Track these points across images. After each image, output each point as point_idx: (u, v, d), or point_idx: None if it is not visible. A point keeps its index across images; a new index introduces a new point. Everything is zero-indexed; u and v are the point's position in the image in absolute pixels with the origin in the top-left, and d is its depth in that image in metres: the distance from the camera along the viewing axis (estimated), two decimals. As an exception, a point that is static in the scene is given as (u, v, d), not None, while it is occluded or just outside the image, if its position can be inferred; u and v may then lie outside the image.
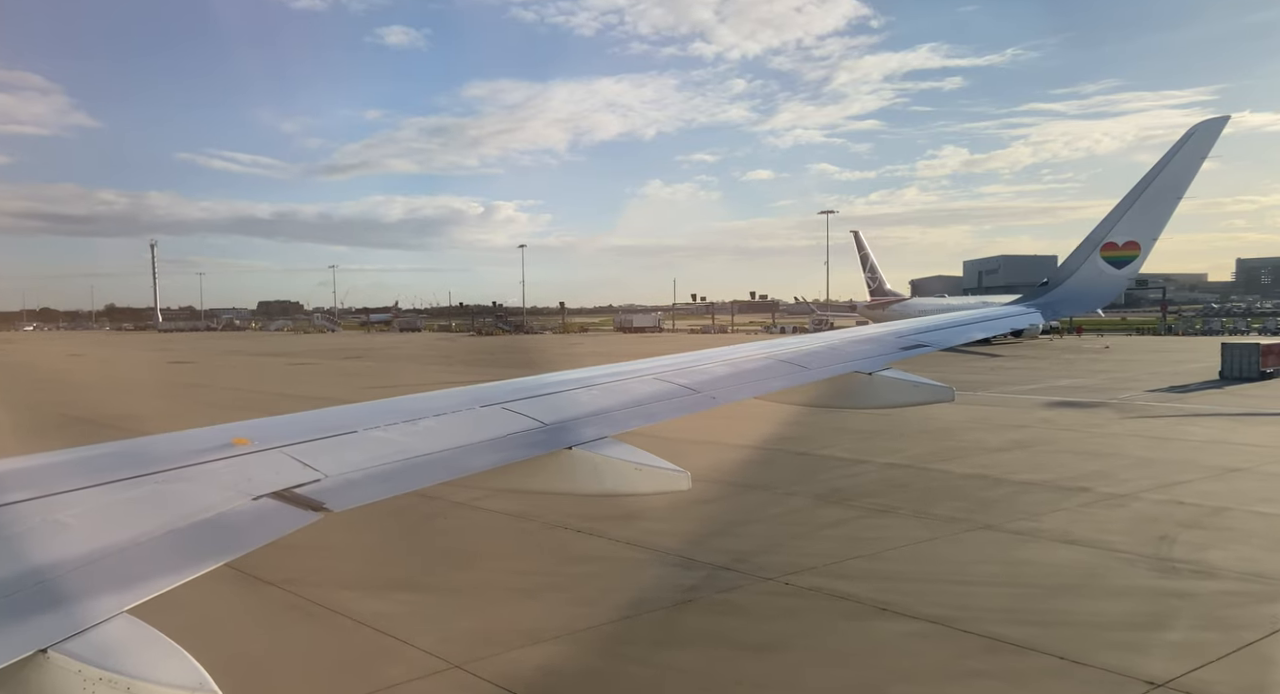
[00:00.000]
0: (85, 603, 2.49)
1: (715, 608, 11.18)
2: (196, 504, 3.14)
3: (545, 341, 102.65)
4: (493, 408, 4.63)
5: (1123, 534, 14.14)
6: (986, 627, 10.23)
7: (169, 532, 2.95)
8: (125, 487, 3.19)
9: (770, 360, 6.40)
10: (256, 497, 3.25)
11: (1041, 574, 12.31)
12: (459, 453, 4.06)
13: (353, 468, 3.65)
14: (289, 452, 3.69)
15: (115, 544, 2.81)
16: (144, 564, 2.76)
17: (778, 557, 13.21)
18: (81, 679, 2.27)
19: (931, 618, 10.56)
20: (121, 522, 2.95)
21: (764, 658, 9.65)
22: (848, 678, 9.16)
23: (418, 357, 74.52)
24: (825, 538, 14.20)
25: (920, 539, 14.02)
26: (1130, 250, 8.14)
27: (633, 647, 10.00)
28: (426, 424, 4.30)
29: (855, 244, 73.09)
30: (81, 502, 3.03)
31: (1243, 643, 9.62)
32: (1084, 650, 9.47)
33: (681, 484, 4.27)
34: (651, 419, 4.94)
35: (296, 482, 3.42)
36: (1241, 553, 12.97)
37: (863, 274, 71.79)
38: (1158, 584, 11.83)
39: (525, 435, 4.34)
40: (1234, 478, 17.98)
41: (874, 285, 71.78)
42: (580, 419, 4.65)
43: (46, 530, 2.84)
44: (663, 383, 5.50)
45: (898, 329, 7.93)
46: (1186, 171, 7.81)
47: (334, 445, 3.86)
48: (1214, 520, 14.79)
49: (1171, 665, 9.06)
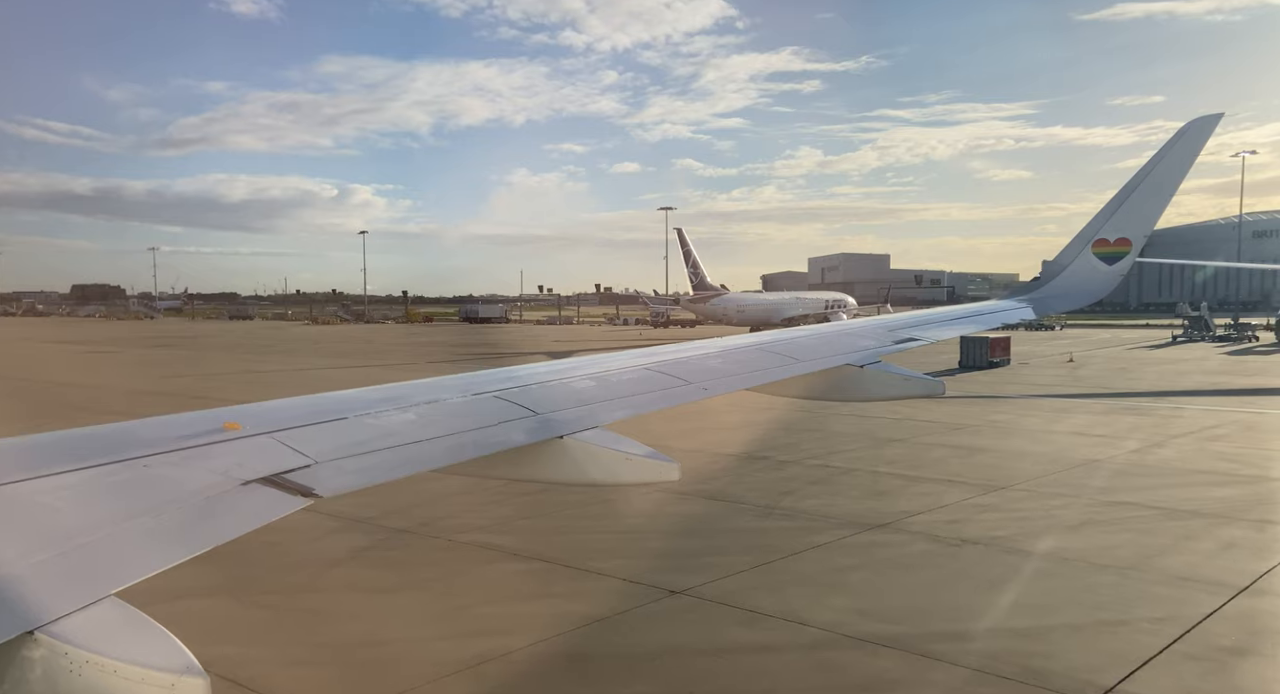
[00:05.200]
0: (73, 586, 2.49)
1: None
2: (185, 488, 3.11)
3: (369, 332, 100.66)
4: (484, 396, 4.58)
5: (760, 490, 17.17)
6: (588, 563, 12.66)
7: (157, 516, 2.91)
8: (113, 470, 3.15)
9: (762, 352, 6.37)
10: (245, 482, 3.22)
11: (672, 523, 14.95)
12: (450, 440, 4.01)
13: (343, 454, 3.62)
14: (279, 437, 3.64)
15: (103, 528, 2.78)
16: (131, 548, 2.74)
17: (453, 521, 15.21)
18: (69, 661, 2.26)
19: (547, 559, 12.90)
20: (109, 505, 2.91)
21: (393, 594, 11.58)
22: (455, 600, 11.26)
23: (236, 346, 71.73)
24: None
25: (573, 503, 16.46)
26: (1122, 247, 8.11)
27: (289, 594, 11.64)
28: (418, 411, 4.26)
29: (679, 241, 76.90)
30: (69, 484, 3.00)
31: (774, 558, 12.52)
32: (639, 571, 12.01)
33: (671, 475, 4.30)
34: (643, 409, 4.93)
35: (286, 467, 3.39)
36: (833, 501, 16.24)
37: (685, 269, 75.81)
38: (756, 525, 14.75)
39: (517, 424, 4.31)
40: (890, 447, 21.77)
41: (696, 280, 75.83)
42: (572, 409, 4.64)
43: (33, 513, 2.81)
44: (655, 374, 5.51)
45: (889, 322, 7.94)
46: (1178, 169, 7.75)
47: (325, 431, 3.82)
48: (839, 479, 18.17)
49: (692, 577, 11.75)
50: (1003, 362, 44.83)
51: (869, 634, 9.89)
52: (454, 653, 9.47)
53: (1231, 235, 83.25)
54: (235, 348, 68.58)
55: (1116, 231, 8.06)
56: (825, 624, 10.23)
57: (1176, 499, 16.13)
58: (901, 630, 10.00)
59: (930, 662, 9.19)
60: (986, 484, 17.50)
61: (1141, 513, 15.21)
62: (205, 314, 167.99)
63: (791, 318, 75.98)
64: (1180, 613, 10.36)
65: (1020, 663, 9.07)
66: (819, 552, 13.30)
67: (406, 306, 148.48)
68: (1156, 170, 7.81)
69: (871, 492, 17.22)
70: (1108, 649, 9.40)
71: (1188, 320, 62.89)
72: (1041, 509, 15.64)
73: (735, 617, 10.60)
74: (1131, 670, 8.81)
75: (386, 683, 8.77)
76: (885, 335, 7.19)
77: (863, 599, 11.22)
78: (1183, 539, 13.59)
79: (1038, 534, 14.04)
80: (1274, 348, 53.07)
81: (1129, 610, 10.59)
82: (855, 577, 12.21)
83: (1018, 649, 9.45)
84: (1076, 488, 17.19)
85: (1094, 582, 11.76)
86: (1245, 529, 14.07)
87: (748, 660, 9.44)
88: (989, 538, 13.83)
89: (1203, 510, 15.25)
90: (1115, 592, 11.32)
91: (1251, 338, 58.12)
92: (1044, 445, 21.81)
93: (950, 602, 11.17)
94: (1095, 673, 8.77)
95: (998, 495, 16.65)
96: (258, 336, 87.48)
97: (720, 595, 11.27)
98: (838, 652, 9.48)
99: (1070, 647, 9.54)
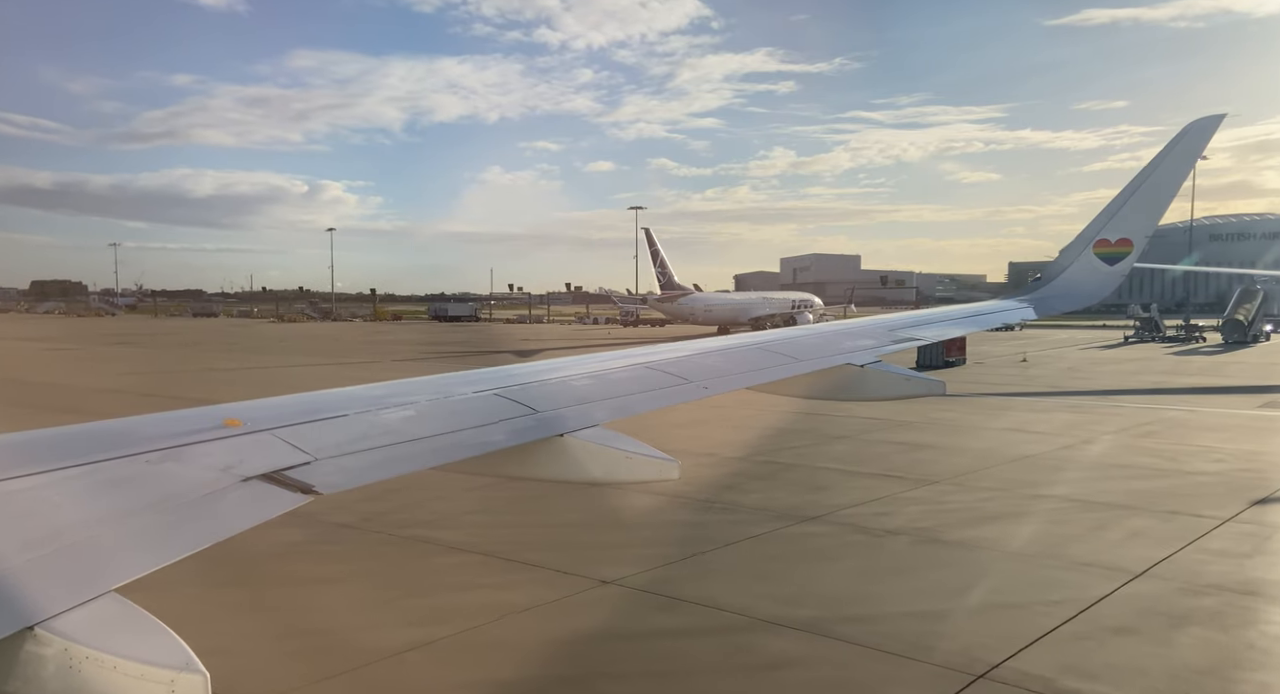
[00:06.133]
0: (73, 582, 2.49)
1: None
2: (185, 485, 3.12)
3: (336, 330, 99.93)
4: (485, 394, 4.59)
5: (703, 484, 17.66)
6: (523, 556, 13.02)
7: (157, 512, 2.92)
8: (114, 466, 3.15)
9: (763, 351, 6.34)
10: (246, 478, 3.23)
11: (613, 517, 15.35)
12: (450, 438, 4.01)
13: (343, 451, 3.61)
14: (280, 434, 3.64)
15: (103, 524, 2.79)
16: (131, 544, 2.74)
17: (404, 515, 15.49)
18: (68, 657, 2.26)
19: (487, 553, 13.24)
20: (110, 501, 2.92)
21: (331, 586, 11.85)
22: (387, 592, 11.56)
23: (197, 343, 70.93)
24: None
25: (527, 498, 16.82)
26: (1123, 247, 8.07)
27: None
28: (419, 408, 4.26)
29: (647, 241, 77.42)
30: (70, 480, 3.00)
31: (707, 549, 12.99)
32: (574, 563, 12.42)
33: (671, 473, 4.29)
34: (643, 408, 4.93)
35: (286, 464, 3.39)
36: (772, 495, 16.77)
37: (653, 269, 76.34)
38: (695, 518, 15.21)
39: (517, 422, 4.30)
40: (836, 443, 22.39)
41: (664, 280, 76.40)
42: (573, 407, 4.64)
43: (35, 509, 2.81)
44: (655, 372, 5.50)
45: (889, 322, 7.90)
46: (1180, 169, 7.75)
47: (326, 428, 3.81)
48: (782, 474, 18.70)
49: (624, 568, 12.16)
50: (958, 361, 45.81)
51: (781, 617, 10.37)
52: (380, 641, 9.78)
53: (1186, 239, 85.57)
54: (196, 346, 67.82)
55: (1118, 232, 8.05)
56: (740, 609, 10.69)
57: (1095, 491, 16.87)
58: (812, 614, 10.49)
59: (833, 642, 9.69)
60: (921, 478, 18.14)
61: (1060, 505, 15.91)
62: (169, 311, 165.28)
63: (758, 317, 76.85)
64: (1076, 597, 10.97)
65: (916, 641, 9.61)
66: (751, 543, 13.78)
67: (375, 304, 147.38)
68: (1158, 171, 7.79)
69: (811, 486, 17.77)
70: (1001, 630, 9.97)
71: (1139, 322, 64.66)
72: (967, 502, 16.27)
73: (657, 603, 11.03)
74: (1020, 649, 9.38)
75: (306, 671, 9.07)
76: (885, 335, 7.17)
77: (782, 586, 11.71)
78: (1093, 529, 14.27)
79: (958, 525, 14.65)
80: (1219, 348, 54.82)
81: (1029, 594, 11.19)
82: (780, 566, 12.70)
83: (916, 630, 9.99)
84: (1004, 482, 17.87)
85: (1002, 568, 12.38)
86: (1152, 519, 14.80)
87: (661, 644, 9.88)
88: (913, 529, 14.41)
89: (1117, 502, 15.97)
90: (1020, 577, 11.94)
91: (1199, 339, 59.95)
92: (982, 442, 22.54)
93: (863, 588, 11.70)
94: (985, 650, 9.32)
95: (928, 489, 17.27)
96: (221, 334, 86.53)
97: (648, 584, 11.69)
98: (748, 635, 9.94)
99: (966, 628, 10.10)
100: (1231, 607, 10.68)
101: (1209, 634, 9.88)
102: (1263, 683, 8.66)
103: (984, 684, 8.61)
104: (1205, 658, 9.23)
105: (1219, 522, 14.44)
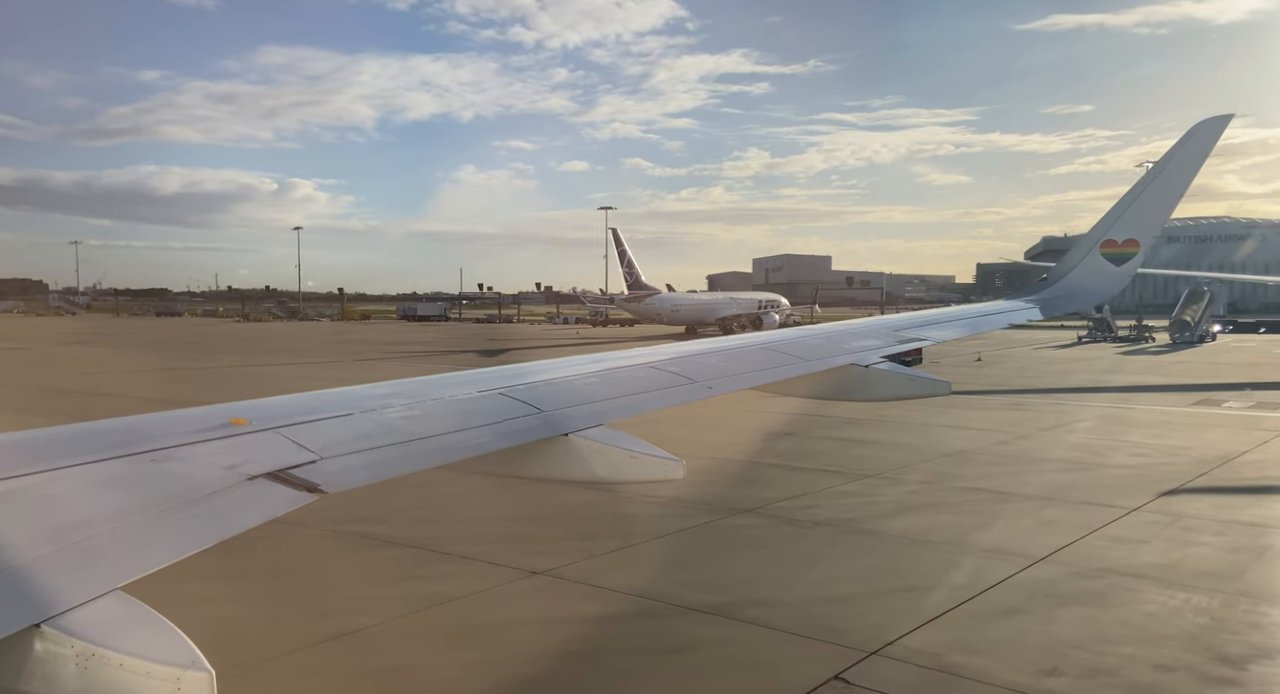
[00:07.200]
0: (79, 580, 2.50)
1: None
2: (190, 483, 3.13)
3: (302, 329, 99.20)
4: (490, 393, 4.61)
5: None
6: (457, 549, 13.44)
7: (162, 510, 2.93)
8: (119, 464, 3.17)
9: (768, 351, 6.34)
10: (251, 477, 3.24)
11: (551, 511, 15.82)
12: (455, 437, 4.04)
13: (349, 450, 3.63)
14: (285, 432, 3.66)
15: (109, 522, 2.80)
16: (137, 542, 2.76)
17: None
18: (74, 655, 2.27)
19: (417, 546, 13.64)
20: (116, 499, 2.93)
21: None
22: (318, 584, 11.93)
23: (159, 343, 70.12)
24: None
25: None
26: (1130, 248, 8.10)
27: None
28: (424, 407, 4.28)
29: (614, 241, 77.92)
30: (75, 478, 3.02)
31: (639, 542, 13.49)
32: (504, 556, 12.87)
33: (675, 473, 4.30)
34: (647, 408, 4.95)
35: (292, 462, 3.40)
36: (708, 490, 17.38)
37: (621, 269, 76.87)
38: (633, 511, 15.70)
39: (522, 421, 4.32)
40: (782, 440, 23.05)
41: (631, 280, 76.90)
42: (577, 407, 4.66)
43: (40, 506, 2.82)
44: (660, 371, 5.52)
45: (893, 322, 7.94)
46: (1187, 170, 7.74)
47: (331, 427, 3.83)
48: (724, 469, 19.30)
49: (556, 560, 12.64)
50: (915, 361, 46.80)
51: (698, 603, 10.91)
52: (305, 631, 10.15)
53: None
54: (157, 345, 67.08)
55: (1125, 233, 8.09)
56: (660, 596, 11.22)
57: (1017, 484, 17.67)
58: (728, 600, 11.05)
59: (744, 625, 10.25)
60: (856, 473, 18.82)
61: (981, 496, 16.67)
62: (131, 310, 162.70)
63: (724, 318, 77.61)
64: (977, 580, 11.65)
65: (821, 623, 10.20)
66: (684, 534, 14.32)
67: (343, 304, 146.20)
68: (1166, 172, 7.84)
69: (752, 481, 18.37)
70: (902, 611, 10.59)
71: (1092, 322, 66.43)
72: (895, 494, 16.98)
73: (582, 592, 11.51)
74: (914, 627, 10.01)
75: (232, 658, 9.42)
76: (890, 335, 7.18)
77: (704, 574, 12.26)
78: (1008, 519, 15.02)
79: (883, 516, 15.32)
80: (1166, 348, 56.61)
81: (934, 579, 11.85)
82: (707, 556, 13.25)
83: (822, 612, 10.59)
84: (935, 475, 18.62)
85: (913, 555, 13.05)
86: (1065, 510, 15.59)
87: (580, 628, 10.37)
88: (839, 520, 15.05)
89: (1036, 494, 16.78)
90: (930, 564, 12.61)
91: (1149, 339, 61.81)
92: (921, 438, 23.34)
93: (780, 575, 12.29)
94: (882, 630, 9.93)
95: (861, 483, 17.97)
96: (182, 333, 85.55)
97: (577, 575, 12.17)
98: (664, 620, 10.47)
99: (869, 609, 10.72)
100: (1115, 588, 11.42)
101: (1090, 612, 10.60)
102: (1129, 655, 9.36)
103: (876, 660, 9.22)
104: (1080, 633, 9.93)
105: (1125, 511, 15.26)
